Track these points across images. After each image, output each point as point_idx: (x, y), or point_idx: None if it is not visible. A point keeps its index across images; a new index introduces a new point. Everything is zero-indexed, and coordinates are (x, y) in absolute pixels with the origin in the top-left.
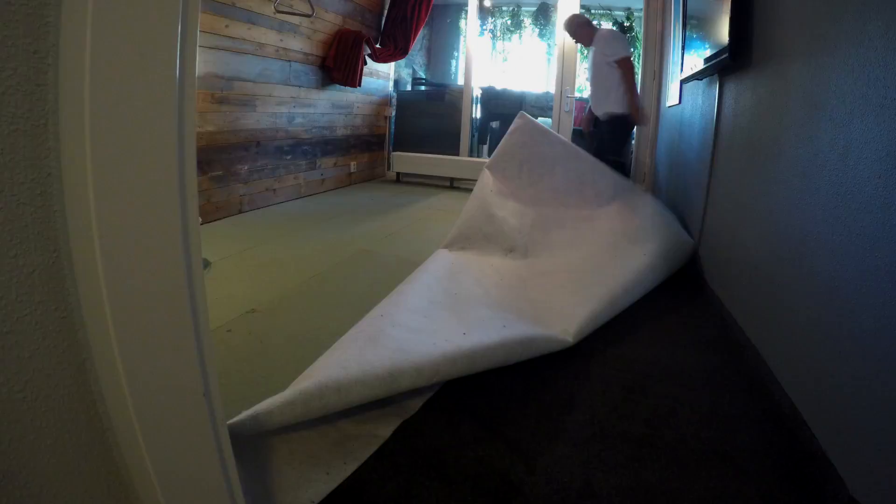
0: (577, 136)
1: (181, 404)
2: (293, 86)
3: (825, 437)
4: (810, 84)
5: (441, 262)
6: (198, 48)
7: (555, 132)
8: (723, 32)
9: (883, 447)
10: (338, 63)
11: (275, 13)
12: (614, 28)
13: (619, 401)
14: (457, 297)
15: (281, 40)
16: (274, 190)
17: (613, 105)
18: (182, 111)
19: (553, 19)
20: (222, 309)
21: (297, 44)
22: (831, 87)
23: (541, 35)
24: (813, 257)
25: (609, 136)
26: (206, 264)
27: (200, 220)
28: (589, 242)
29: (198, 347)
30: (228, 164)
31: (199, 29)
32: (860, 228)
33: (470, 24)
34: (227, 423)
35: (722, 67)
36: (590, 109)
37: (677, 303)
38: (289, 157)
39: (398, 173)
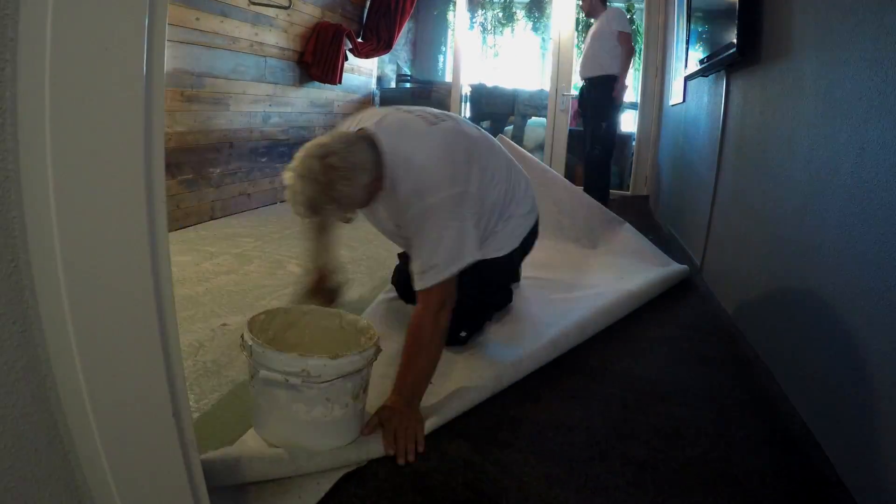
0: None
1: (149, 424)
2: (269, 83)
3: (840, 461)
4: (824, 81)
5: None
6: (166, 42)
7: (535, 158)
8: (730, 26)
9: None
10: (316, 58)
11: (249, 5)
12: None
13: (619, 421)
14: None
15: (256, 34)
16: (248, 195)
17: (607, 67)
18: (150, 110)
19: (548, 12)
20: (194, 322)
21: (272, 38)
22: (847, 84)
23: (535, 29)
24: (827, 267)
25: (599, 99)
26: None
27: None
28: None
29: (166, 363)
30: (199, 167)
31: (167, 21)
32: (877, 236)
33: (458, 16)
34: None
35: (729, 63)
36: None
37: (680, 315)
38: (264, 160)
39: None
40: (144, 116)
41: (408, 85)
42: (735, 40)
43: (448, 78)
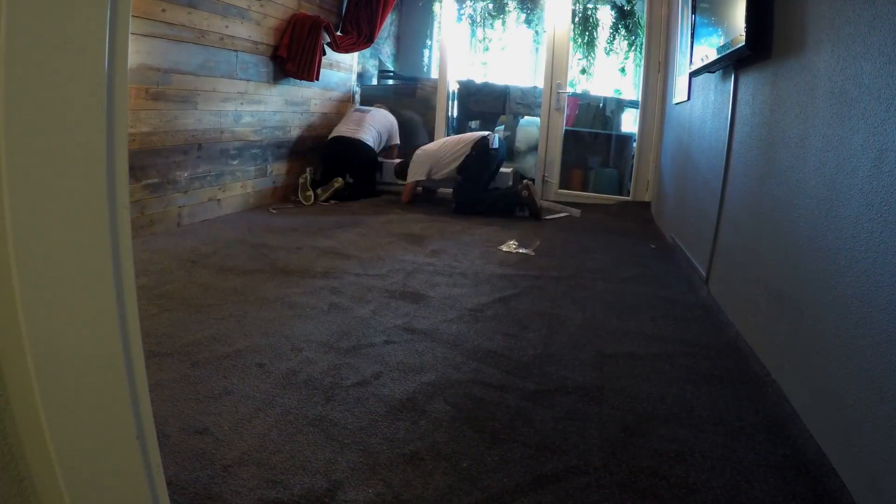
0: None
1: (111, 448)
2: (240, 79)
3: (858, 489)
4: (839, 78)
5: None
6: (130, 35)
7: None
8: (739, 18)
9: None
10: (292, 53)
11: None
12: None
13: (618, 444)
14: None
15: (226, 27)
16: (218, 200)
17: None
18: (112, 108)
19: (542, 3)
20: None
21: (244, 31)
22: (864, 80)
23: (528, 22)
24: (843, 278)
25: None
26: None
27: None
28: None
29: (130, 383)
30: (165, 171)
31: (131, 13)
32: None
33: (445, 8)
34: None
35: (738, 59)
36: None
37: (684, 330)
38: (235, 163)
39: None
40: (107, 115)
41: (391, 82)
42: (744, 34)
43: (434, 74)
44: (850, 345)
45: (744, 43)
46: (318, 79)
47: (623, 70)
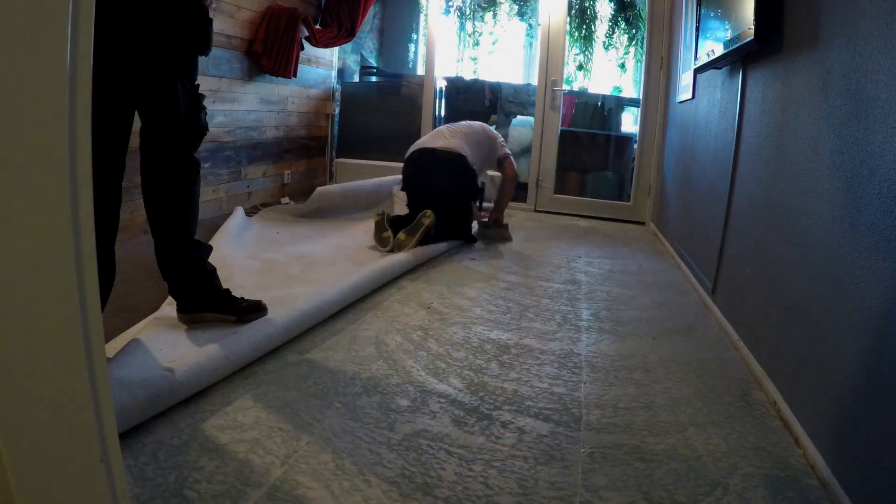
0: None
1: (73, 471)
2: (212, 76)
3: None
4: (855, 74)
5: None
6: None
7: None
8: (747, 10)
9: None
10: (268, 48)
11: None
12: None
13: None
14: None
15: None
16: None
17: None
18: (75, 108)
19: None
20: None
21: (216, 24)
22: (881, 77)
23: (520, 14)
24: (860, 292)
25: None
26: None
27: None
28: None
29: (94, 401)
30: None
31: (94, 4)
32: None
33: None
34: None
35: (746, 53)
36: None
37: (686, 347)
38: (207, 165)
39: None
40: (69, 115)
41: (374, 79)
42: (752, 27)
43: (420, 70)
44: (869, 362)
45: (752, 37)
46: (295, 75)
47: (623, 66)
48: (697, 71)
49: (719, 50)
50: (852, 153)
